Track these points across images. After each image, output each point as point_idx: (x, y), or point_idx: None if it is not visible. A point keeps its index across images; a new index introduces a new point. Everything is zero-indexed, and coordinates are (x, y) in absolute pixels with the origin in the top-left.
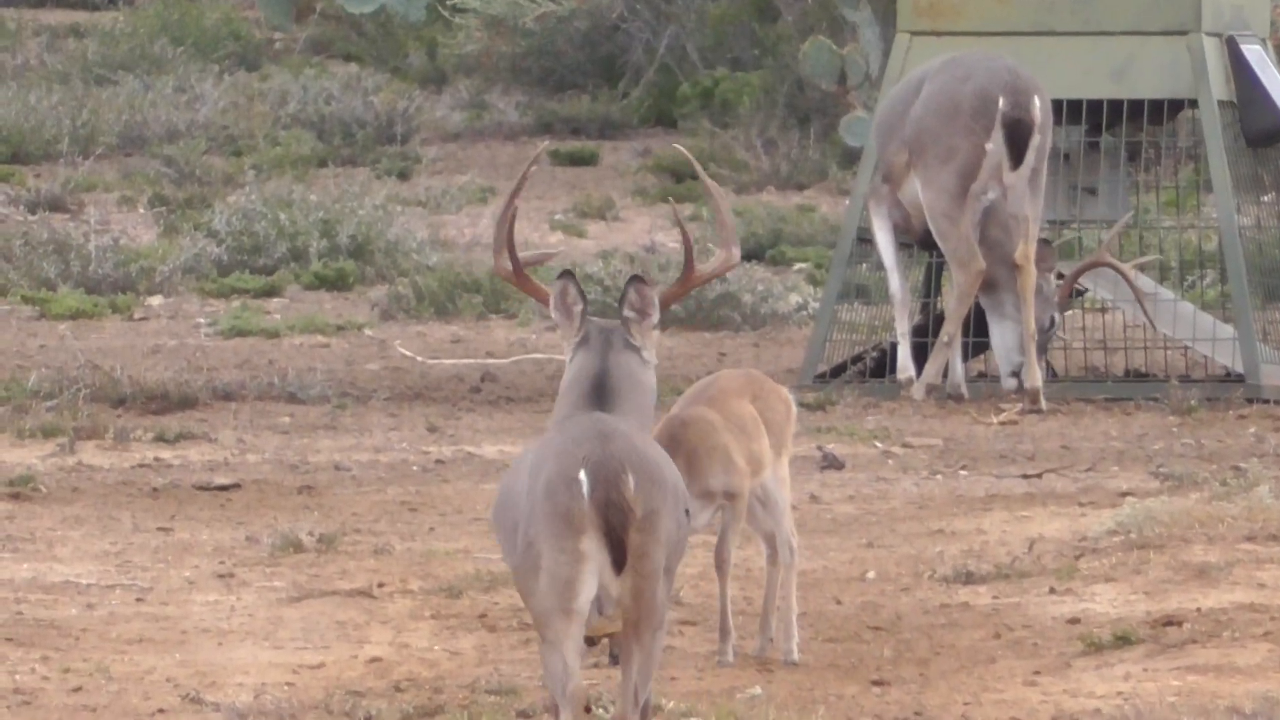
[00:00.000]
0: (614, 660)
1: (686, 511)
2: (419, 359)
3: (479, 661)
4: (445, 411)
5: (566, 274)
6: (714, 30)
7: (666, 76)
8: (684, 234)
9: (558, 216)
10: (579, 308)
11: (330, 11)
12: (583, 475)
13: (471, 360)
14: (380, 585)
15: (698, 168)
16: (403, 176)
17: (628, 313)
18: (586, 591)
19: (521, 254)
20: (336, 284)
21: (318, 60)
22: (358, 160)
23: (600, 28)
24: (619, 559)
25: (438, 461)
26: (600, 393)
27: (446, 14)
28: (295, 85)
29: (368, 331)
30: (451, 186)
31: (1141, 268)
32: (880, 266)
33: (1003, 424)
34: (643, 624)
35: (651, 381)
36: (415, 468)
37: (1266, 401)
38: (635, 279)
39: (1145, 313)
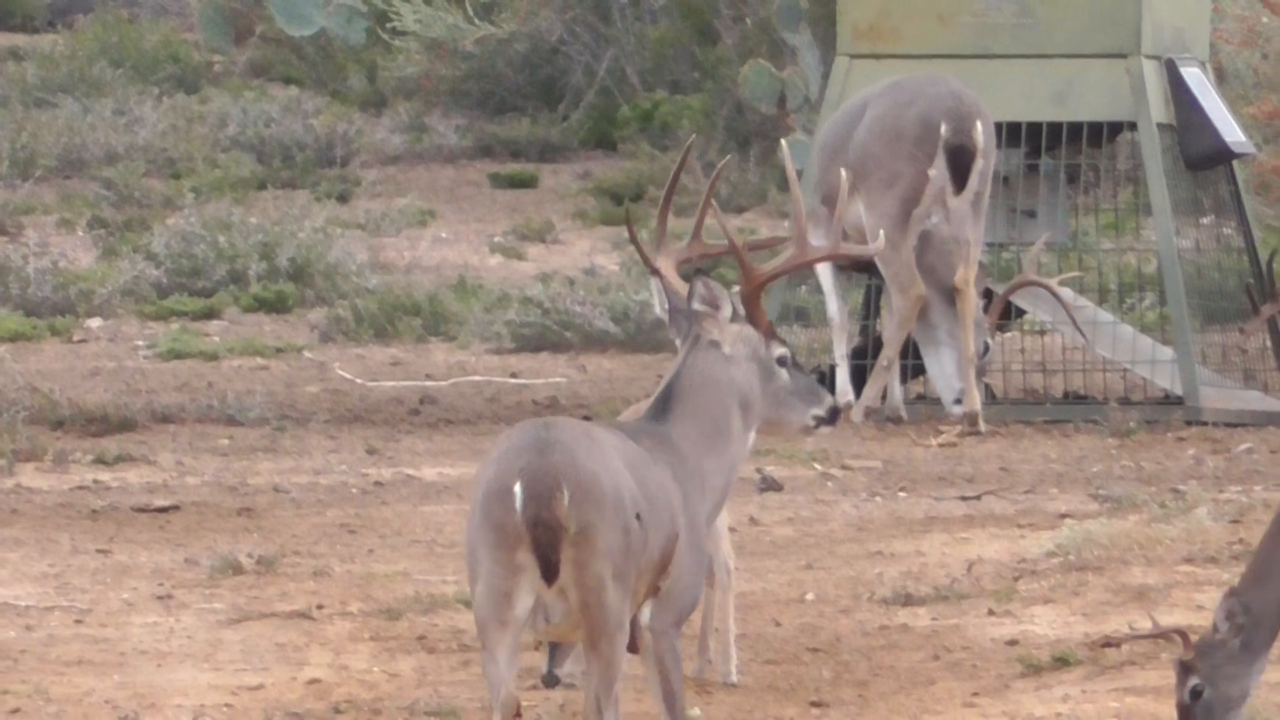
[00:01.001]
0: (546, 682)
1: (638, 517)
2: (358, 381)
3: (418, 683)
4: (384, 434)
5: (699, 273)
6: (654, 53)
7: (606, 99)
8: (730, 240)
9: (497, 239)
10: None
11: (270, 34)
12: (517, 489)
13: (411, 383)
14: (319, 607)
15: (789, 168)
16: (342, 199)
17: (698, 306)
18: (522, 603)
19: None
20: (276, 306)
21: (257, 83)
22: (297, 183)
23: (540, 50)
24: (548, 573)
25: (377, 484)
26: (662, 396)
27: (386, 37)
28: (235, 108)
29: (307, 354)
30: (391, 209)
31: (1075, 287)
32: (819, 289)
33: (942, 446)
34: (594, 634)
35: (734, 375)
36: (354, 490)
37: (1205, 424)
38: (699, 273)
39: (1075, 325)
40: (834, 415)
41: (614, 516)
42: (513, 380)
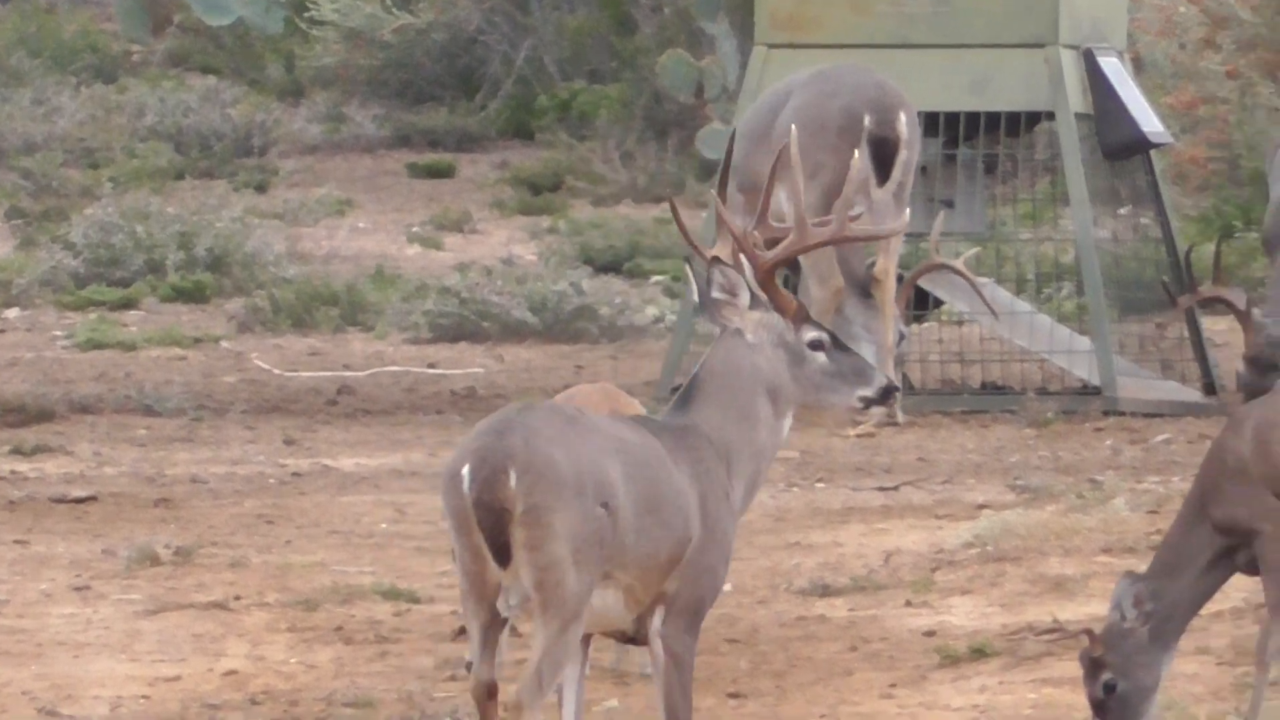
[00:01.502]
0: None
1: (605, 505)
2: (276, 371)
3: (335, 674)
4: (302, 424)
5: (716, 261)
6: (572, 42)
7: (524, 89)
8: (731, 229)
9: (415, 229)
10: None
11: (188, 24)
12: (465, 471)
13: (328, 373)
14: (237, 598)
15: (793, 149)
16: (260, 189)
17: (717, 295)
18: (491, 585)
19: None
20: (194, 296)
21: (175, 73)
22: (215, 173)
23: (458, 40)
24: (500, 555)
25: (295, 474)
26: (689, 386)
27: (304, 26)
28: (153, 98)
29: (225, 344)
30: (309, 199)
31: (993, 277)
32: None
33: (860, 437)
34: (546, 613)
35: (757, 362)
36: (272, 480)
37: (1123, 414)
38: (715, 260)
39: (984, 301)
40: (886, 395)
41: (572, 500)
42: (430, 370)
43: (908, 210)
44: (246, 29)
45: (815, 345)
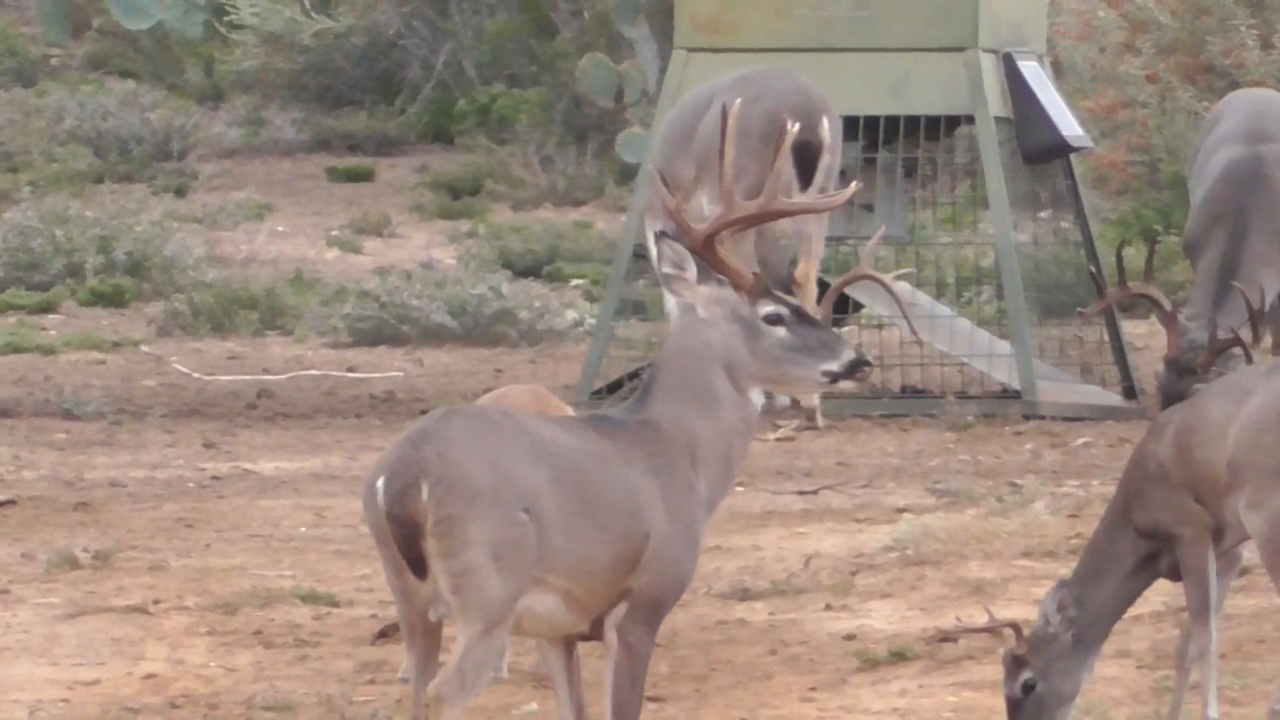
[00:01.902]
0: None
1: (527, 511)
2: (195, 375)
3: (255, 678)
4: (222, 428)
5: (663, 235)
6: (491, 47)
7: (444, 93)
8: (666, 203)
9: (334, 233)
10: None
11: (107, 28)
12: (380, 484)
13: (248, 376)
14: (156, 602)
15: (731, 126)
16: (180, 193)
17: (667, 270)
18: (420, 597)
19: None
20: (113, 300)
21: (95, 76)
22: (135, 177)
23: (378, 44)
24: (415, 566)
25: (214, 478)
26: (646, 378)
27: (224, 30)
28: (72, 101)
29: (144, 348)
30: (228, 203)
31: (912, 281)
32: (658, 283)
33: (780, 440)
34: (466, 615)
35: (710, 338)
36: (192, 484)
37: (1043, 418)
38: (661, 234)
39: (907, 321)
40: (853, 369)
41: (488, 509)
42: (350, 374)
43: (827, 215)
44: (166, 33)
45: (773, 319)
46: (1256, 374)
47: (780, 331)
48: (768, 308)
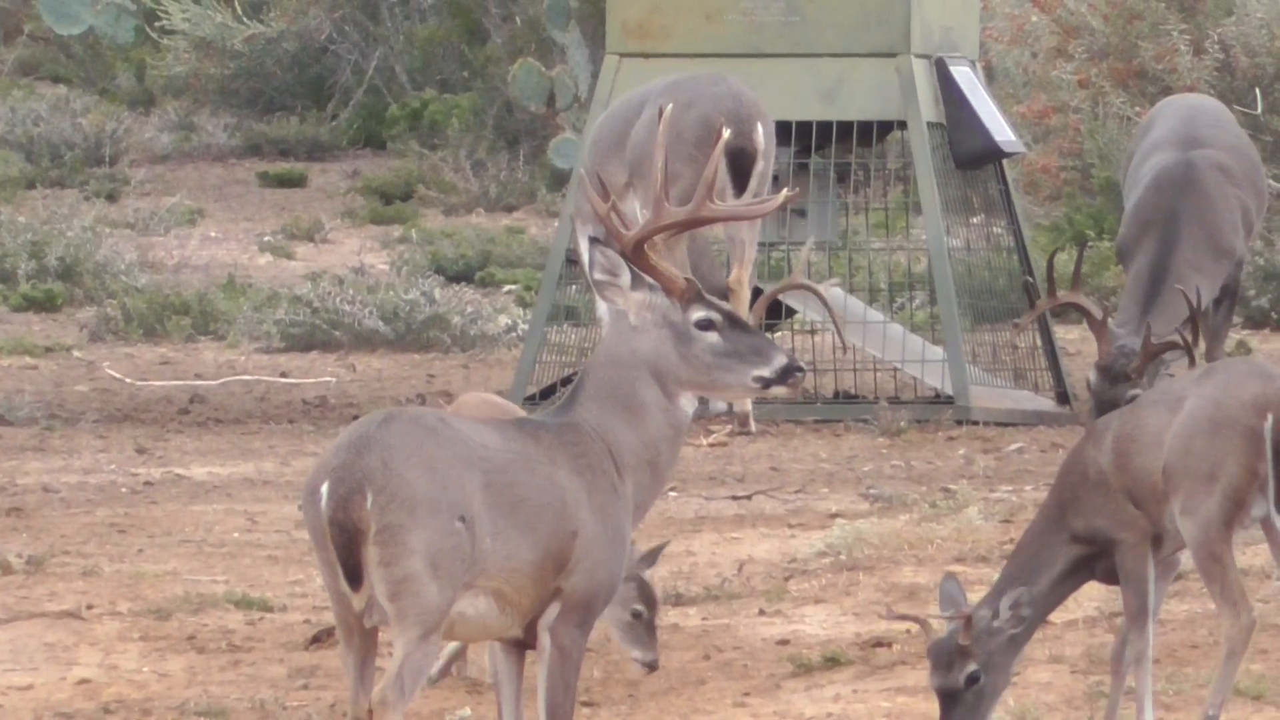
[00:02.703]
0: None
1: (462, 519)
2: (127, 380)
3: (188, 683)
4: (154, 433)
5: (595, 241)
6: (422, 52)
7: (375, 98)
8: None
9: (266, 238)
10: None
11: (38, 33)
12: (324, 489)
13: (180, 382)
14: (89, 607)
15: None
16: (111, 198)
17: (599, 275)
18: (358, 604)
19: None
20: (45, 305)
21: (26, 81)
22: (66, 182)
23: (309, 49)
24: (351, 574)
25: (146, 483)
26: (575, 382)
27: (155, 36)
28: (3, 107)
29: (76, 353)
30: (160, 208)
31: (845, 287)
32: (590, 288)
33: (712, 445)
34: (403, 623)
35: (638, 345)
36: (124, 489)
37: (975, 423)
38: (594, 240)
39: (838, 331)
40: (785, 374)
41: (427, 518)
42: (282, 380)
43: (760, 221)
44: (97, 38)
45: (704, 325)
46: (1189, 381)
47: (711, 337)
48: (699, 313)
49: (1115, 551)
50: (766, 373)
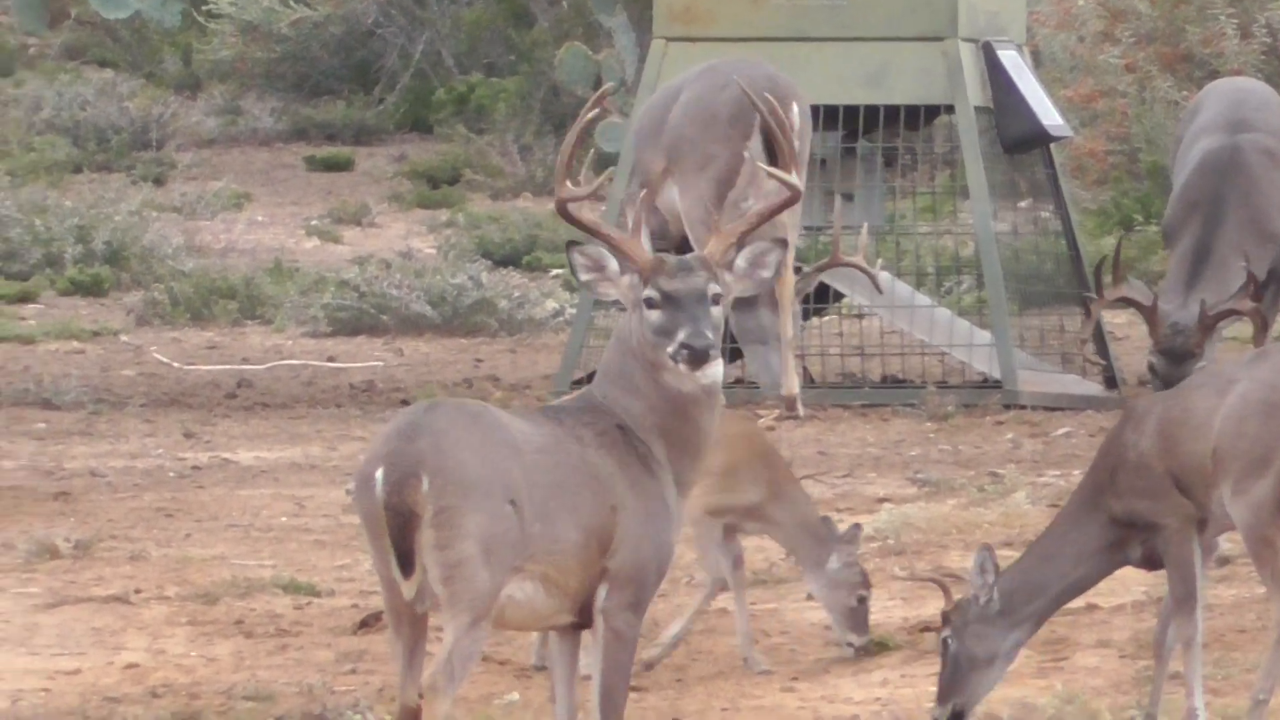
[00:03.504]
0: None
1: (512, 502)
2: (174, 365)
3: (235, 667)
4: (201, 418)
5: (572, 244)
6: (469, 35)
7: (422, 82)
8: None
9: (313, 222)
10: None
11: (85, 17)
12: (378, 476)
13: (227, 366)
14: (136, 591)
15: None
16: (158, 182)
17: (584, 275)
18: (409, 590)
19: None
20: (92, 290)
21: (72, 66)
22: (113, 166)
23: (355, 33)
24: (404, 562)
25: (194, 468)
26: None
27: (201, 20)
28: (50, 91)
29: (123, 337)
30: (206, 192)
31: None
32: None
33: None
34: (454, 608)
35: (623, 325)
36: (171, 474)
37: (1023, 407)
38: (570, 243)
39: (877, 287)
40: (686, 352)
41: (482, 500)
42: (329, 364)
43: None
44: (143, 22)
45: (648, 302)
46: (1239, 364)
47: (653, 314)
48: (646, 290)
49: (1158, 536)
50: (670, 348)
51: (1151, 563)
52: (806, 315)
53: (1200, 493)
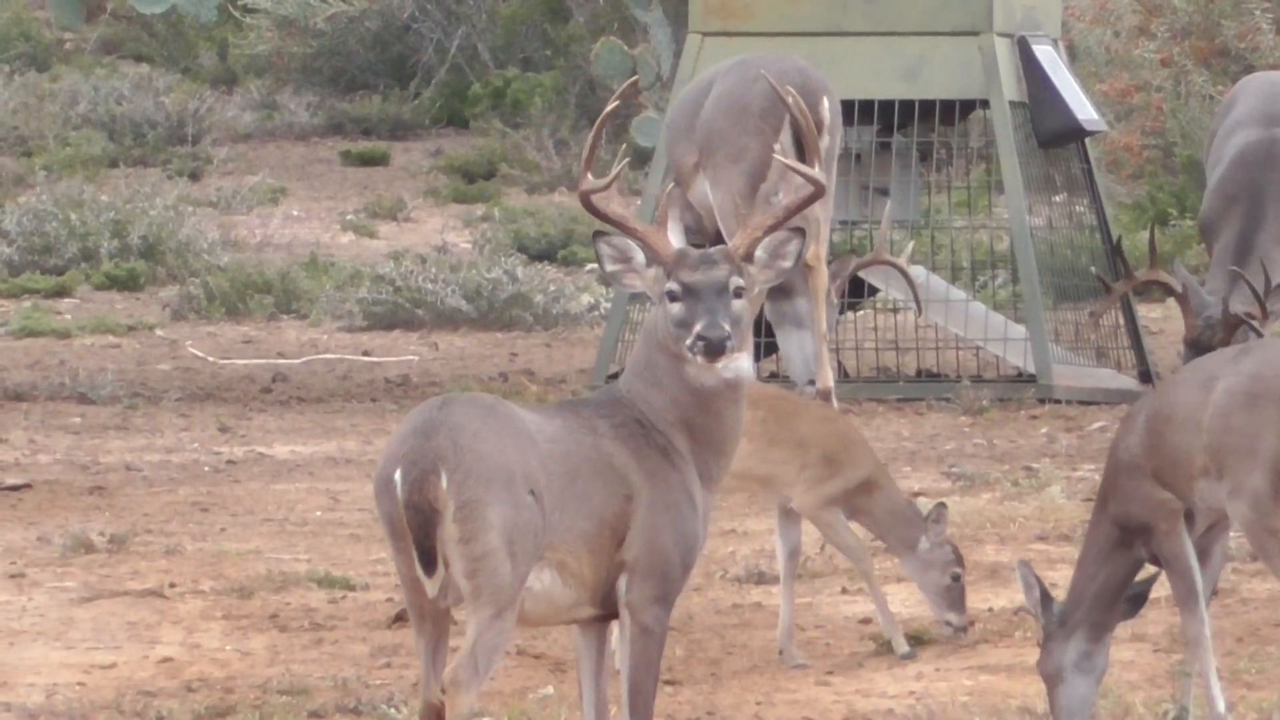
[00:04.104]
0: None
1: (532, 492)
2: (210, 359)
3: (270, 661)
4: (236, 412)
5: (599, 234)
6: (505, 30)
7: (458, 76)
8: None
9: (349, 217)
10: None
11: (121, 12)
12: (397, 476)
13: (263, 361)
14: (172, 585)
15: None
16: (194, 177)
17: (610, 266)
18: (431, 589)
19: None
20: (128, 284)
21: (108, 60)
22: (149, 161)
23: (391, 28)
24: (426, 560)
25: (229, 462)
26: None
27: (237, 14)
28: (86, 85)
29: (159, 332)
30: (242, 187)
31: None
32: None
33: None
34: (478, 600)
35: (649, 318)
36: (206, 468)
37: (1058, 401)
38: (597, 234)
39: (916, 297)
40: (702, 344)
41: (503, 492)
42: (365, 358)
43: (832, 198)
44: (179, 16)
45: (670, 295)
46: (1223, 360)
47: (674, 307)
48: (668, 284)
49: (1152, 537)
50: (689, 341)
51: (1158, 562)
52: (841, 310)
53: (1182, 485)
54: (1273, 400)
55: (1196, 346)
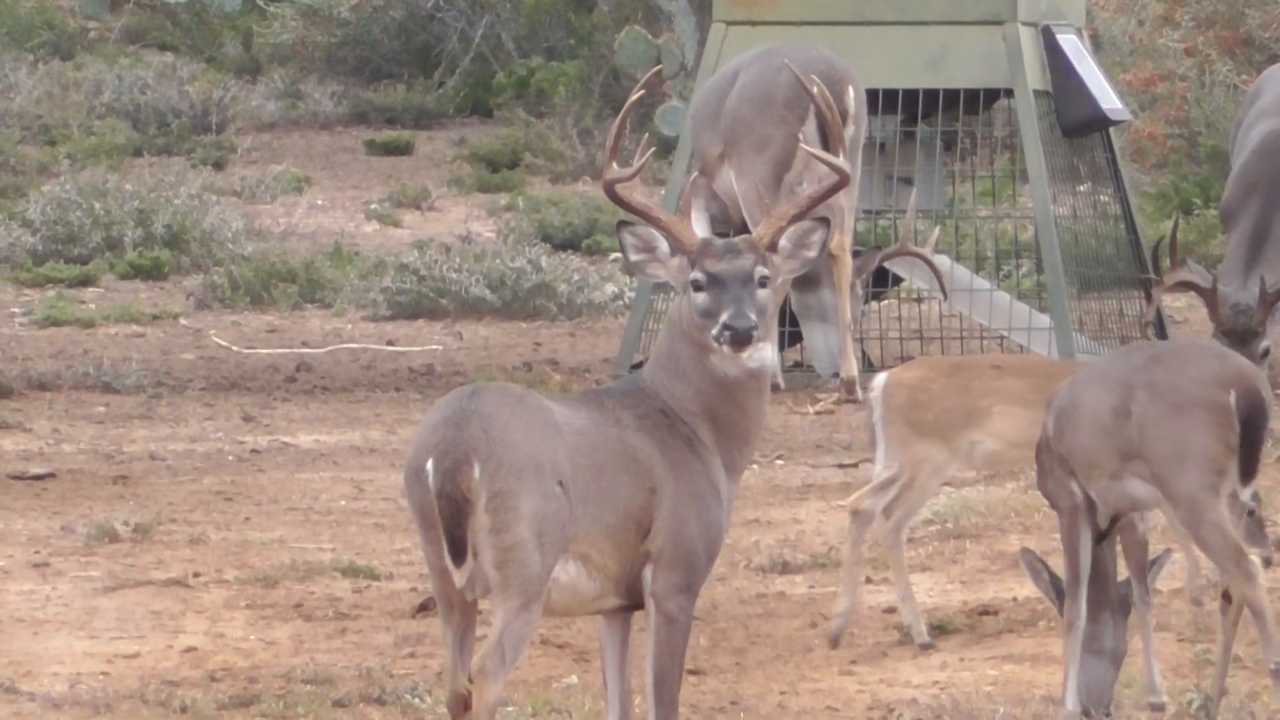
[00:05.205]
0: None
1: (560, 483)
2: (234, 348)
3: (294, 651)
4: (261, 401)
5: (623, 224)
6: (529, 19)
7: (482, 65)
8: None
9: (373, 206)
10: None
11: (145, 1)
12: (429, 466)
13: (287, 350)
14: (196, 575)
15: None
16: (218, 166)
17: (634, 256)
18: (460, 579)
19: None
20: (152, 273)
21: (133, 49)
22: (173, 150)
23: (415, 17)
24: (456, 550)
25: (253, 451)
26: None
27: (261, 3)
28: (110, 74)
29: (183, 321)
30: (266, 176)
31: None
32: None
33: (819, 414)
34: (506, 591)
35: (674, 308)
36: (231, 457)
37: None
38: (621, 224)
39: (942, 288)
40: (729, 333)
41: (533, 482)
42: (389, 348)
43: (857, 188)
44: (204, 6)
45: (695, 284)
46: (1127, 363)
47: (699, 296)
48: (693, 273)
49: (1059, 518)
50: (715, 330)
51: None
52: (866, 299)
53: (1082, 477)
54: (1197, 406)
55: (1233, 335)
